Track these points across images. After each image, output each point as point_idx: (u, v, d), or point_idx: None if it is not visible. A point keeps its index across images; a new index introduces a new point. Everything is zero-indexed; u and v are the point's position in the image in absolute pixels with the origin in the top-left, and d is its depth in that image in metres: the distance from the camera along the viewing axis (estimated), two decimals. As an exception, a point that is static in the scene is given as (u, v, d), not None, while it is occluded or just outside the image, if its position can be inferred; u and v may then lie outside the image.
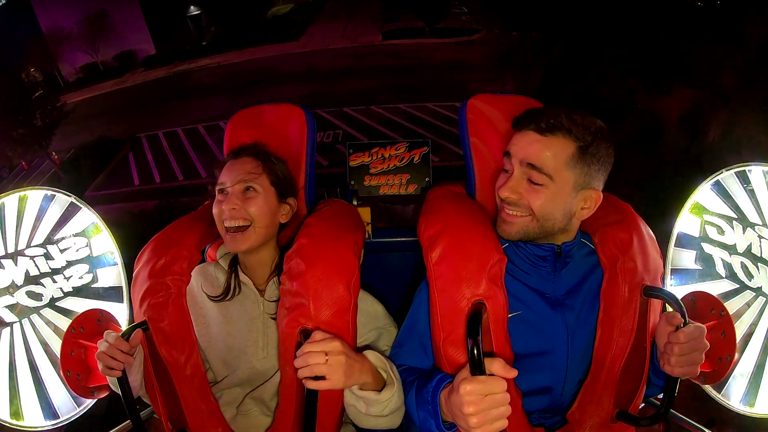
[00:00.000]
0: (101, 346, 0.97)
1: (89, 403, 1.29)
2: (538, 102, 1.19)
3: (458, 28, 14.52)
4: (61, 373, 1.21)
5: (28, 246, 1.33)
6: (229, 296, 1.07)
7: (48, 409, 1.29)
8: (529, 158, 0.93)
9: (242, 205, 1.01)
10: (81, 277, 1.36)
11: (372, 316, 1.05)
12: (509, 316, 0.94)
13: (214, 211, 1.04)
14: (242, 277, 1.08)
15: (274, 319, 1.03)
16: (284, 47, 15.36)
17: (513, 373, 0.77)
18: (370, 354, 0.93)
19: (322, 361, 0.83)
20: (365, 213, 1.31)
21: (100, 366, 0.96)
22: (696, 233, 1.32)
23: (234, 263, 1.10)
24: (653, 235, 1.05)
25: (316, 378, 0.84)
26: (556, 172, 0.91)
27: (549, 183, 0.92)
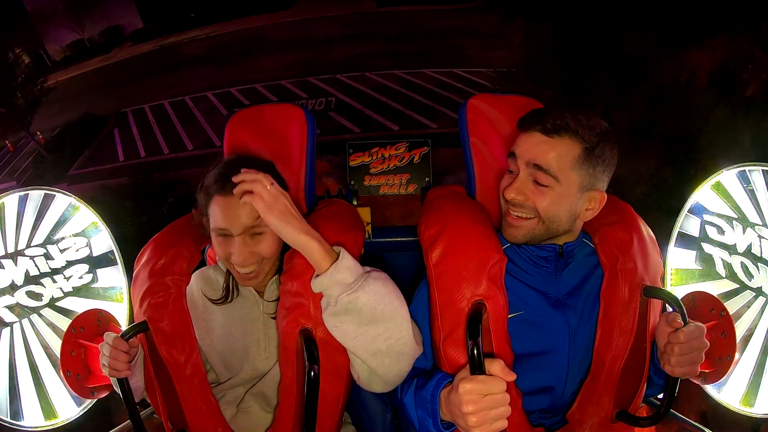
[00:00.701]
0: (103, 349, 0.97)
1: (89, 403, 1.30)
2: (539, 102, 1.19)
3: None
4: (61, 373, 1.21)
5: (28, 246, 1.33)
6: (229, 299, 1.06)
7: (48, 409, 1.29)
8: (535, 159, 0.92)
9: (252, 249, 0.97)
10: (81, 277, 1.36)
11: None
12: (511, 316, 0.94)
13: (219, 252, 0.99)
14: None
15: (274, 318, 1.03)
16: (276, 16, 14.80)
17: (512, 377, 0.77)
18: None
19: (264, 189, 0.86)
20: (365, 213, 1.31)
21: (105, 369, 0.97)
22: (696, 233, 1.32)
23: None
24: (653, 235, 1.05)
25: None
26: (562, 173, 0.91)
27: (555, 184, 0.91)
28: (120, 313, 1.35)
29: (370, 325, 0.88)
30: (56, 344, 1.30)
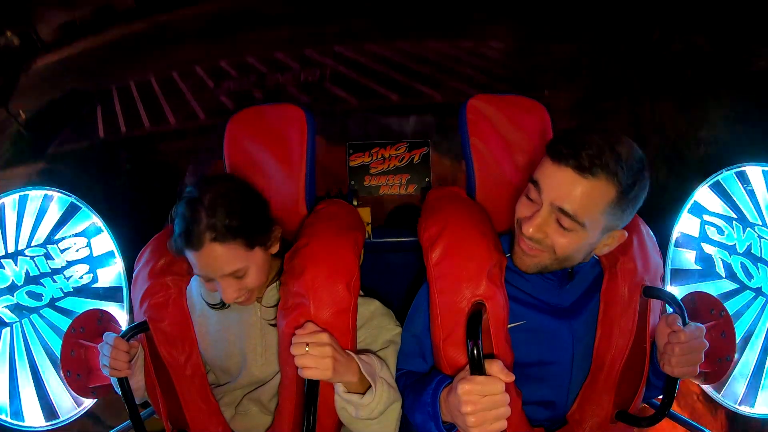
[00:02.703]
0: (103, 349, 0.97)
1: (89, 403, 1.29)
2: (538, 102, 1.18)
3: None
4: (61, 373, 1.21)
5: (28, 246, 1.33)
6: (227, 305, 1.06)
7: (48, 409, 1.29)
8: (562, 203, 0.82)
9: (238, 286, 0.93)
10: (81, 277, 1.36)
11: (365, 317, 1.04)
12: (512, 325, 0.93)
13: (205, 286, 0.96)
14: None
15: (272, 325, 1.03)
16: (269, -13, 14.62)
17: (511, 378, 0.77)
18: (357, 356, 0.92)
19: (302, 352, 0.84)
20: (365, 213, 1.31)
21: (105, 369, 0.97)
22: (696, 233, 1.32)
23: None
24: (653, 236, 1.05)
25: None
26: (589, 218, 0.82)
27: (579, 229, 0.83)
28: (120, 313, 1.36)
29: (371, 422, 0.93)
30: (56, 344, 1.30)
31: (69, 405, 1.29)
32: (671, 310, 0.92)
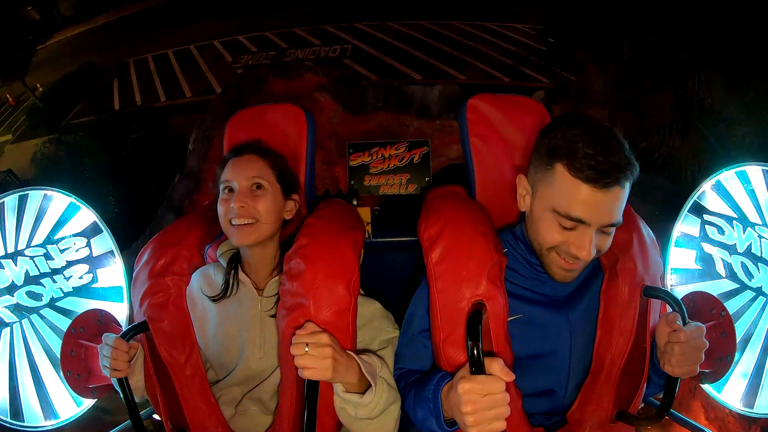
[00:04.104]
0: (103, 350, 0.97)
1: (89, 403, 1.30)
2: (538, 102, 1.18)
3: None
4: (61, 373, 1.21)
5: (28, 246, 1.34)
6: (228, 294, 1.06)
7: (48, 409, 1.29)
8: (611, 220, 0.85)
9: (251, 203, 1.01)
10: (81, 277, 1.36)
11: (365, 318, 1.05)
12: (511, 319, 0.94)
13: (220, 209, 1.04)
14: (241, 276, 1.08)
15: (272, 317, 1.03)
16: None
17: (511, 377, 0.77)
18: (358, 356, 0.93)
19: (302, 352, 0.84)
20: (365, 213, 1.31)
21: (105, 369, 0.97)
22: (696, 233, 1.32)
23: (234, 260, 1.10)
24: (653, 235, 1.05)
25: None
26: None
27: (617, 225, 0.88)
28: (120, 313, 1.36)
29: (370, 422, 0.94)
30: (56, 344, 1.30)
31: (69, 405, 1.29)
32: (671, 309, 0.92)
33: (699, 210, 1.32)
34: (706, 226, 1.31)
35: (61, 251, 1.35)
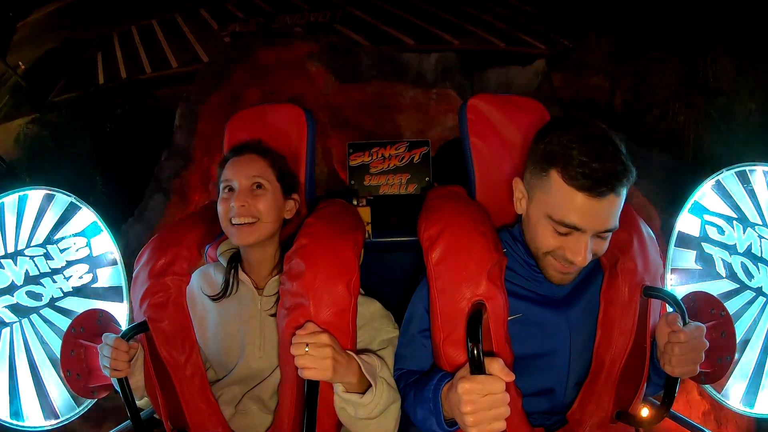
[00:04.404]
0: (103, 350, 0.97)
1: (89, 403, 1.30)
2: (538, 102, 1.18)
3: None
4: (61, 373, 1.21)
5: (28, 246, 1.34)
6: (227, 293, 1.07)
7: (48, 409, 1.29)
8: (606, 226, 0.85)
9: (251, 202, 1.02)
10: (81, 277, 1.36)
11: (366, 318, 1.05)
12: (511, 318, 0.94)
13: (220, 208, 1.04)
14: (241, 275, 1.08)
15: (272, 316, 1.03)
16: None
17: (511, 377, 0.77)
18: (358, 356, 0.93)
19: (302, 353, 0.84)
20: (365, 213, 1.31)
21: (105, 370, 0.97)
22: (696, 233, 1.32)
23: (234, 260, 1.10)
24: (653, 235, 1.05)
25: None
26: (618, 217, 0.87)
27: (614, 230, 0.88)
28: (120, 313, 1.36)
29: (370, 421, 0.94)
30: (56, 344, 1.30)
31: (69, 405, 1.29)
32: (671, 309, 0.92)
33: (699, 210, 1.32)
34: (706, 226, 1.31)
35: (61, 251, 1.35)
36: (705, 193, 1.31)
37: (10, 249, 1.32)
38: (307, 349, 0.84)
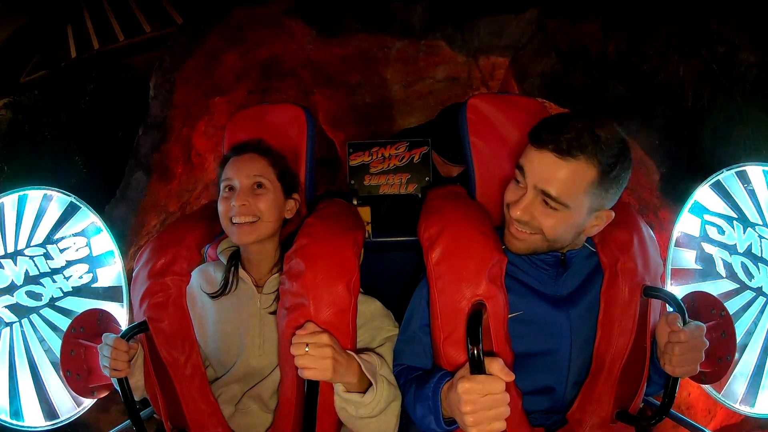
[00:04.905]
0: (103, 350, 0.97)
1: (89, 403, 1.30)
2: (538, 102, 1.18)
3: None
4: (61, 373, 1.21)
5: (28, 246, 1.34)
6: (227, 291, 1.07)
7: (48, 409, 1.29)
8: (544, 185, 0.86)
9: (252, 201, 1.02)
10: (81, 277, 1.36)
11: (366, 317, 1.05)
12: (511, 316, 0.94)
13: (221, 207, 1.04)
14: (241, 273, 1.08)
15: (272, 314, 1.03)
16: None
17: (511, 377, 0.77)
18: (357, 356, 0.93)
19: (302, 353, 0.84)
20: (365, 213, 1.31)
21: (105, 369, 0.97)
22: (696, 233, 1.32)
23: (234, 257, 1.10)
24: (653, 235, 1.05)
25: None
26: (572, 199, 0.86)
27: (563, 209, 0.87)
28: (120, 313, 1.36)
29: (370, 420, 0.94)
30: (56, 344, 1.30)
31: (69, 405, 1.29)
32: (671, 309, 0.92)
33: (699, 210, 1.32)
34: (706, 226, 1.31)
35: (61, 251, 1.35)
36: (705, 193, 1.31)
37: (10, 249, 1.32)
38: (307, 349, 0.84)
